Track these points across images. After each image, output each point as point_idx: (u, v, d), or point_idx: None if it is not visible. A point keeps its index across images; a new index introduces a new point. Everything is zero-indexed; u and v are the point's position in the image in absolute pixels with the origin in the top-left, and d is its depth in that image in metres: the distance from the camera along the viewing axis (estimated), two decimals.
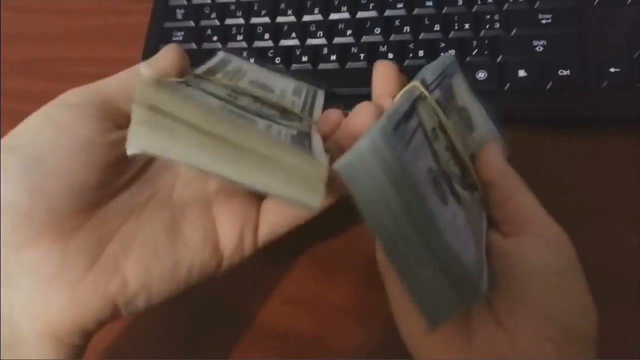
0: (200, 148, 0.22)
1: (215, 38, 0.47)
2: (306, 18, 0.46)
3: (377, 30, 0.44)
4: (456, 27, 0.43)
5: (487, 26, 0.42)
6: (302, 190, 0.23)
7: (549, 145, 0.41)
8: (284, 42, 0.46)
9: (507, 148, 0.33)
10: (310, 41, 0.45)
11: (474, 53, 0.42)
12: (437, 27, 0.43)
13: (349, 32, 0.44)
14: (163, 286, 0.26)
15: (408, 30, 0.44)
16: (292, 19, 0.46)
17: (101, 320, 0.25)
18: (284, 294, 0.38)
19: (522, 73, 0.40)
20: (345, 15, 0.45)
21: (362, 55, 0.43)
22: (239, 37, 0.46)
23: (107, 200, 0.26)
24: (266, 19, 0.47)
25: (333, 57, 0.44)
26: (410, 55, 0.43)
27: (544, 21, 0.41)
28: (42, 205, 0.23)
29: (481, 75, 0.41)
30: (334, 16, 0.46)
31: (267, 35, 0.46)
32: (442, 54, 0.41)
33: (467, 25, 0.43)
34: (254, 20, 0.47)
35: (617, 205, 0.38)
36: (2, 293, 0.22)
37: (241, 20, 0.47)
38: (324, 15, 0.46)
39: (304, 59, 0.44)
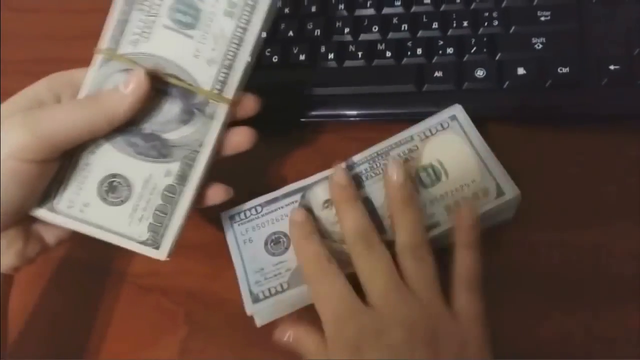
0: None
1: None
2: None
3: (375, 29, 0.44)
4: (454, 25, 0.43)
5: (486, 24, 0.42)
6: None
7: (548, 142, 0.40)
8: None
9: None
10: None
11: (472, 51, 0.41)
12: (435, 25, 0.43)
13: (346, 30, 0.44)
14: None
15: (406, 28, 0.43)
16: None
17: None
18: None
19: (521, 71, 0.40)
20: (344, 13, 0.45)
21: (359, 54, 0.43)
22: None
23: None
24: None
25: (331, 56, 0.43)
26: (409, 53, 0.42)
27: (543, 18, 0.41)
28: None
29: (480, 73, 0.41)
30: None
31: None
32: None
33: (465, 23, 0.42)
34: None
35: (616, 201, 0.38)
36: None
37: None
38: (322, 12, 0.46)
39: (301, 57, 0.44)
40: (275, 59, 0.45)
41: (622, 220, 0.37)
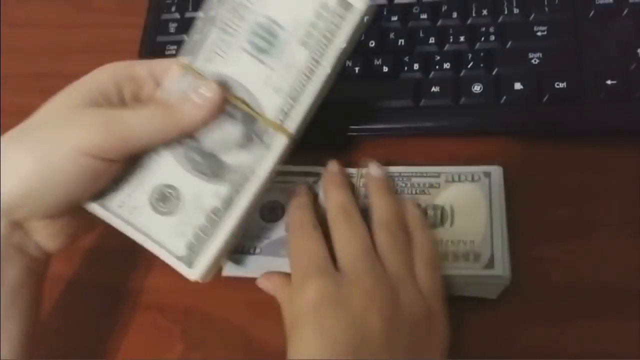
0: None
1: None
2: None
3: (372, 44, 0.44)
4: (451, 40, 0.43)
5: (483, 38, 0.42)
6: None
7: (545, 157, 0.40)
8: None
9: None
10: None
11: (469, 66, 0.41)
12: (432, 40, 0.43)
13: None
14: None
15: (403, 43, 0.43)
16: None
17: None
18: (280, 313, 0.38)
19: (518, 86, 0.40)
20: None
21: (356, 69, 0.43)
22: None
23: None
24: None
25: None
26: (406, 68, 0.42)
27: (539, 33, 0.41)
28: (43, 207, 0.33)
29: (477, 88, 0.41)
30: None
31: None
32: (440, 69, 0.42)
33: (462, 38, 0.42)
34: None
35: (613, 216, 0.38)
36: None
37: None
38: None
39: None
40: None
41: (621, 233, 0.37)
